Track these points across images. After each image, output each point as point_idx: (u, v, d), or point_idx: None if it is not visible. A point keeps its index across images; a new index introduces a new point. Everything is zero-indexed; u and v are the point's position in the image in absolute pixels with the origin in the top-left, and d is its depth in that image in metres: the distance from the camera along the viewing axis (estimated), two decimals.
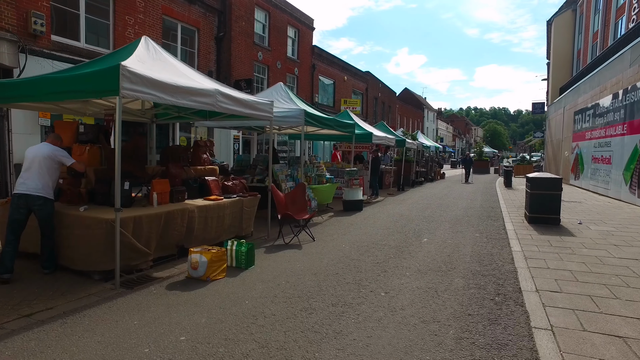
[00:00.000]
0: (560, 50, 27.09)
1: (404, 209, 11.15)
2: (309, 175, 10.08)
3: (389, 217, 9.68)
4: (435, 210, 10.88)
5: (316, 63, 22.75)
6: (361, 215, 10.04)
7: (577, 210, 10.51)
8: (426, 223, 8.73)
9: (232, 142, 16.44)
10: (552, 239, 6.82)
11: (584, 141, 17.10)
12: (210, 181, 6.89)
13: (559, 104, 23.51)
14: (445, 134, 66.72)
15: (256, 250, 6.10)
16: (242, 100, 6.30)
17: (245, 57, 16.99)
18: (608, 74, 14.58)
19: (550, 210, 8.21)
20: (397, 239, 7.07)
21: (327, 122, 9.40)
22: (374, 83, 32.20)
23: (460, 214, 10.05)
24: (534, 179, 8.35)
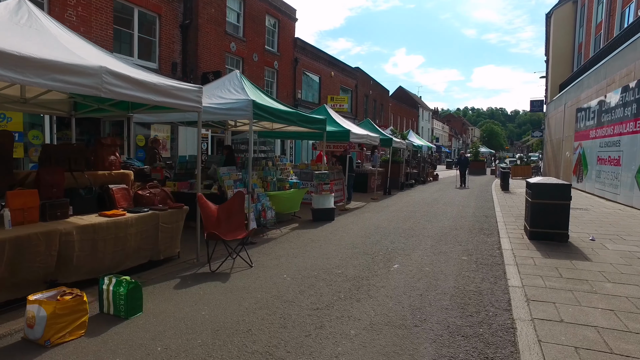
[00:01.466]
0: (560, 45, 25.58)
1: (383, 218, 9.55)
2: (267, 180, 8.46)
3: (362, 229, 8.07)
4: (420, 220, 9.28)
5: (299, 57, 21.14)
6: (330, 227, 8.43)
7: (584, 220, 8.94)
8: (404, 239, 7.12)
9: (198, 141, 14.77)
10: (560, 264, 5.22)
11: (588, 140, 15.55)
12: (116, 190, 5.26)
13: (559, 101, 21.98)
14: (441, 134, 65.21)
15: (166, 283, 4.52)
16: (145, 84, 4.67)
17: (215, 48, 15.36)
18: (617, 65, 13.03)
19: (556, 224, 6.62)
20: (360, 264, 5.45)
21: (284, 115, 7.78)
22: (364, 80, 30.62)
23: (448, 226, 8.45)
24: (536, 185, 6.76)
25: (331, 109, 12.76)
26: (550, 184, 6.67)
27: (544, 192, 6.65)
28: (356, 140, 12.01)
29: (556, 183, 6.66)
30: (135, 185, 5.80)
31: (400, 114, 44.35)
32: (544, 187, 6.69)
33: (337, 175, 13.14)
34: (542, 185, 6.71)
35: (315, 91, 23.57)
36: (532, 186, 6.80)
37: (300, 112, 8.70)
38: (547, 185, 6.68)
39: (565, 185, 6.59)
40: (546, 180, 6.89)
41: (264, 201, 7.79)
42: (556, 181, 6.80)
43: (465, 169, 20.91)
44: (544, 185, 6.69)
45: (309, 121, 8.92)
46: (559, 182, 6.68)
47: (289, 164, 10.17)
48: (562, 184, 6.60)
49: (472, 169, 34.06)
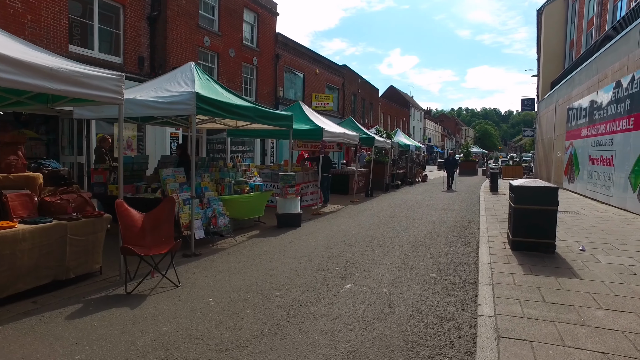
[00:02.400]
0: (551, 42, 24.93)
1: (355, 224, 8.70)
2: (222, 183, 7.58)
3: (327, 237, 7.22)
4: (394, 226, 8.45)
5: (281, 53, 20.27)
6: (293, 234, 7.57)
7: (575, 225, 8.15)
8: (370, 250, 6.28)
9: (168, 141, 13.89)
10: (544, 283, 4.40)
11: (579, 139, 14.83)
12: (11, 197, 4.37)
13: (550, 99, 21.31)
14: (433, 134, 64.61)
15: (62, 310, 3.72)
16: (37, 68, 3.78)
17: (186, 42, 14.45)
18: (609, 59, 12.31)
19: (542, 233, 5.81)
20: (307, 283, 4.60)
21: (237, 110, 6.90)
22: (352, 78, 29.81)
23: (424, 234, 7.61)
24: (520, 188, 5.95)
25: (306, 106, 11.92)
26: (535, 187, 5.86)
27: (529, 197, 5.84)
28: (331, 139, 11.17)
29: (542, 186, 5.84)
30: (45, 191, 4.90)
31: (391, 113, 43.59)
32: (528, 191, 5.88)
33: (312, 177, 12.30)
34: (526, 189, 5.90)
35: (298, 89, 22.71)
36: (515, 189, 5.99)
37: (260, 106, 7.83)
38: (532, 188, 5.87)
39: (552, 188, 5.77)
40: (531, 183, 6.08)
41: (215, 206, 6.91)
42: (542, 184, 5.98)
43: (453, 170, 18.92)
44: (528, 189, 5.88)
45: (271, 117, 8.05)
46: (545, 185, 5.87)
47: (253, 165, 9.30)
48: (548, 187, 5.79)
49: (463, 170, 33.38)
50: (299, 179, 11.40)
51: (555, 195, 5.74)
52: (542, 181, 6.19)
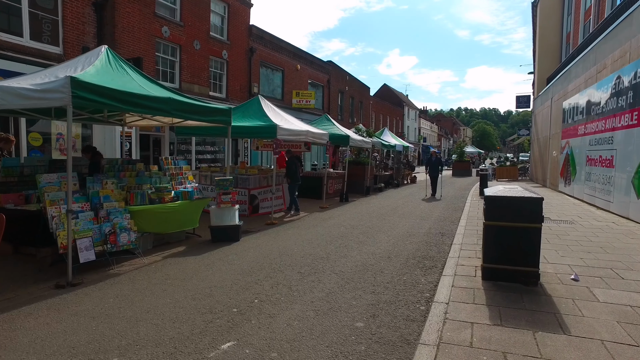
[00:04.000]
0: (547, 36, 23.53)
1: (305, 238, 7.29)
2: (133, 191, 6.16)
3: (259, 259, 5.81)
4: (350, 241, 7.03)
5: (256, 46, 18.86)
6: (221, 253, 6.16)
7: (568, 240, 6.74)
8: (298, 279, 4.86)
9: (118, 141, 12.47)
10: (515, 343, 3.00)
11: (576, 137, 13.43)
12: None
13: (546, 95, 19.91)
14: (429, 134, 63.19)
15: None
16: None
17: (140, 32, 13.05)
18: (608, 47, 10.91)
19: (522, 259, 4.41)
20: (172, 339, 3.20)
21: (139, 101, 5.48)
22: (338, 75, 28.40)
23: (380, 253, 6.19)
24: (494, 199, 4.53)
25: (265, 102, 10.51)
26: (513, 198, 4.44)
27: (505, 210, 4.43)
28: (290, 137, 9.75)
29: (522, 196, 4.42)
30: None
31: (383, 112, 42.18)
32: (504, 203, 4.46)
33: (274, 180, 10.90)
34: (502, 200, 4.48)
35: (277, 86, 21.29)
36: (489, 201, 4.57)
37: (183, 98, 6.40)
38: (510, 200, 4.45)
39: (534, 200, 4.35)
40: (508, 192, 4.66)
41: (117, 220, 5.50)
42: (522, 193, 4.56)
43: (436, 173, 15.36)
44: (505, 200, 4.46)
45: (199, 112, 6.63)
46: (527, 195, 4.44)
47: (187, 168, 7.87)
48: (530, 199, 4.37)
49: (457, 170, 31.99)
50: (254, 183, 10.00)
51: (539, 208, 4.33)
52: (524, 189, 4.78)
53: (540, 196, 4.37)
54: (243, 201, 10.03)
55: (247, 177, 9.92)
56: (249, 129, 9.28)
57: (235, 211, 7.21)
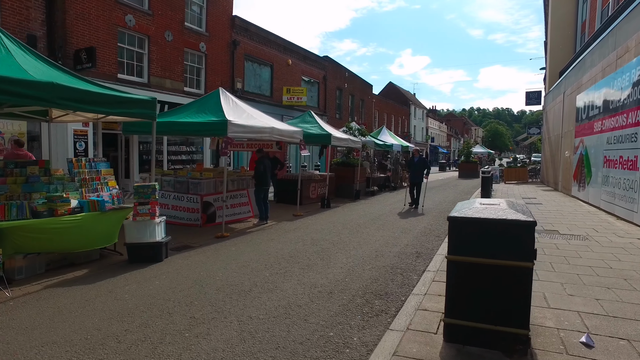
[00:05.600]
0: (560, 26, 21.64)
1: (244, 259, 5.83)
2: (7, 203, 4.79)
3: (161, 292, 4.38)
4: (295, 265, 5.55)
5: (239, 39, 17.49)
6: (123, 280, 4.77)
7: (579, 265, 5.14)
8: (181, 330, 3.41)
9: (71, 140, 11.19)
10: None
11: (592, 135, 11.69)
12: None
13: (558, 89, 18.10)
14: (437, 134, 61.12)
15: None
16: None
17: (98, 20, 11.76)
18: (631, 27, 9.21)
19: (503, 315, 2.87)
20: None
21: (20, 90, 4.10)
22: (335, 71, 26.89)
23: (321, 287, 4.68)
24: (465, 223, 2.98)
25: (226, 94, 9.10)
26: (493, 222, 2.89)
27: (480, 240, 2.91)
28: (248, 134, 8.31)
29: (505, 220, 2.87)
30: None
31: (387, 111, 40.45)
32: (479, 228, 2.92)
33: (236, 185, 9.48)
34: (476, 224, 2.94)
35: (265, 82, 19.89)
36: (456, 225, 3.03)
37: (75, 85, 4.98)
38: (487, 224, 2.90)
39: (523, 225, 2.80)
40: (488, 211, 3.09)
41: None
42: (507, 214, 3.00)
43: (419, 178, 11.98)
44: (480, 224, 2.92)
45: (98, 102, 5.19)
46: (512, 218, 2.89)
47: (107, 172, 6.47)
48: (517, 223, 2.81)
49: (463, 172, 30.15)
50: (208, 188, 8.58)
51: (529, 238, 2.79)
52: (509, 208, 3.20)
53: (531, 219, 2.82)
54: (195, 209, 8.64)
55: (198, 181, 8.51)
56: (197, 125, 7.87)
57: (155, 225, 5.79)
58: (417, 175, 12.12)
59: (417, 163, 12.28)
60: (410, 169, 12.51)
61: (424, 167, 12.08)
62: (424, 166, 12.10)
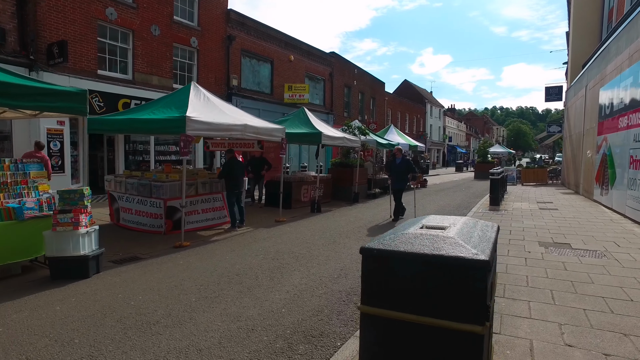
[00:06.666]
0: (584, 13, 19.92)
1: (179, 278, 4.93)
2: None
3: (57, 322, 3.54)
4: (233, 288, 4.61)
5: (235, 34, 16.72)
6: (30, 302, 3.94)
7: (589, 296, 4.00)
8: None
9: (44, 139, 10.60)
10: None
11: (617, 132, 10.31)
12: None
13: (580, 83, 16.54)
14: (455, 133, 59.08)
15: None
16: None
17: (75, 13, 11.16)
18: None
19: None
20: None
21: None
22: (343, 68, 25.84)
23: (243, 322, 3.70)
24: (384, 258, 1.98)
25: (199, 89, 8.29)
26: (420, 258, 1.87)
27: (407, 287, 1.90)
28: (212, 132, 7.45)
29: (438, 256, 1.84)
30: None
31: (402, 109, 39.06)
32: (402, 266, 1.91)
33: (207, 188, 8.63)
34: (399, 260, 1.92)
35: (265, 78, 19.05)
36: (372, 260, 2.01)
37: None
38: (412, 260, 1.88)
39: (467, 266, 1.77)
40: (416, 243, 2.07)
41: None
42: (443, 248, 1.97)
43: (401, 184, 9.69)
44: (405, 260, 1.91)
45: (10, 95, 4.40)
46: (450, 255, 1.86)
47: (39, 174, 5.69)
48: (456, 261, 1.79)
49: (479, 172, 28.51)
50: (172, 191, 7.75)
51: (477, 286, 1.75)
52: (460, 234, 2.15)
53: (482, 258, 1.78)
54: (158, 214, 7.83)
55: (161, 184, 7.69)
56: (155, 122, 7.06)
57: (80, 236, 4.96)
58: (399, 181, 9.66)
59: (399, 165, 9.61)
60: (391, 173, 9.87)
61: (408, 170, 9.66)
62: (408, 169, 9.65)
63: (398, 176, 9.65)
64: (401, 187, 9.68)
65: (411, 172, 9.70)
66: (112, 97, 11.92)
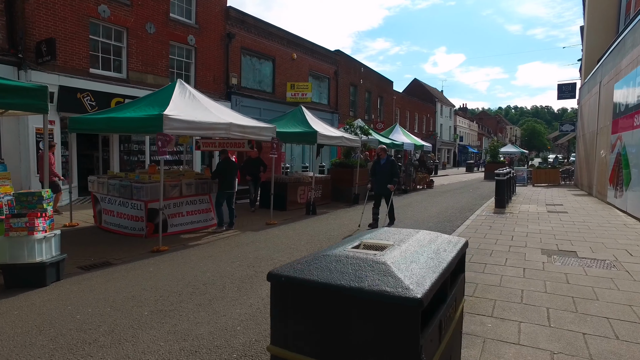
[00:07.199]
0: (601, 6, 19.04)
1: (146, 286, 4.55)
2: None
3: None
4: (198, 298, 4.21)
5: (235, 31, 16.39)
6: None
7: (589, 318, 3.48)
8: None
9: (32, 139, 10.40)
10: None
11: (632, 130, 9.63)
12: None
13: (594, 79, 15.74)
14: (467, 133, 57.94)
15: None
16: None
17: (66, 10, 10.93)
18: None
19: None
20: None
21: None
22: (349, 66, 25.34)
23: (198, 341, 3.26)
24: (292, 288, 1.53)
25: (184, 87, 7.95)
26: (332, 290, 1.44)
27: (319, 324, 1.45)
28: (193, 131, 7.08)
29: (355, 289, 1.40)
30: None
31: (410, 109, 38.32)
32: (314, 300, 1.46)
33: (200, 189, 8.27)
34: (311, 292, 1.48)
35: (266, 77, 18.68)
36: (280, 290, 1.58)
37: None
38: (324, 293, 1.44)
39: (391, 304, 1.31)
40: (335, 269, 1.63)
41: None
42: (364, 278, 1.53)
43: (385, 188, 8.27)
44: (317, 294, 1.46)
45: None
46: (368, 289, 1.42)
47: (2, 175, 5.39)
48: (376, 296, 1.34)
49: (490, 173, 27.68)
50: (153, 193, 7.40)
51: (405, 331, 1.30)
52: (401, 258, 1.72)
53: (413, 296, 1.32)
54: (139, 217, 7.50)
55: (141, 185, 7.35)
56: (133, 121, 6.73)
57: (35, 242, 4.62)
58: (383, 184, 8.29)
59: (383, 167, 8.33)
60: (375, 175, 8.52)
61: (392, 173, 8.25)
62: (392, 172, 8.26)
63: (382, 178, 8.30)
64: (386, 191, 8.37)
65: (394, 176, 8.26)
66: (105, 96, 11.67)
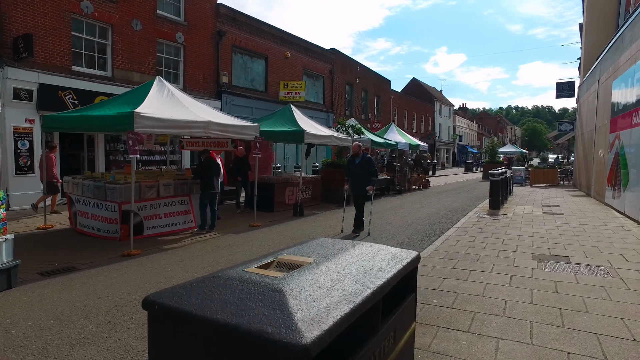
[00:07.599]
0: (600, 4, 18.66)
1: (99, 295, 4.23)
2: None
3: None
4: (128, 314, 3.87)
5: (226, 29, 16.06)
6: None
7: (576, 334, 3.14)
8: None
9: (11, 139, 10.08)
10: None
11: (630, 129, 9.29)
12: None
13: (592, 77, 15.39)
14: (466, 132, 57.53)
15: None
16: None
17: (46, 6, 10.60)
18: None
19: None
20: None
21: None
22: (345, 65, 25.00)
23: None
24: (172, 319, 1.20)
25: (163, 84, 7.62)
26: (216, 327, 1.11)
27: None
28: (167, 129, 6.74)
29: (244, 330, 1.07)
30: None
31: (409, 108, 37.96)
32: (200, 335, 1.13)
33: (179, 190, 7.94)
34: (192, 325, 1.15)
35: (258, 75, 18.35)
36: (159, 322, 1.24)
37: None
38: (206, 326, 1.11)
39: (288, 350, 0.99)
40: (232, 296, 1.30)
41: None
42: (257, 313, 1.19)
43: (363, 188, 7.57)
44: (198, 327, 1.13)
45: None
46: (257, 329, 1.09)
47: None
48: (265, 340, 1.01)
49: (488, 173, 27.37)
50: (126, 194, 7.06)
51: None
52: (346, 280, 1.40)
53: (297, 342, 0.99)
54: (113, 219, 7.17)
55: (114, 186, 7.03)
56: (105, 119, 6.41)
57: None
58: (360, 184, 7.62)
59: (359, 165, 7.67)
60: (351, 175, 7.84)
61: (370, 173, 7.57)
62: (369, 171, 7.58)
63: (358, 178, 7.63)
64: (362, 193, 7.68)
65: (372, 175, 7.55)
66: (87, 95, 11.34)
